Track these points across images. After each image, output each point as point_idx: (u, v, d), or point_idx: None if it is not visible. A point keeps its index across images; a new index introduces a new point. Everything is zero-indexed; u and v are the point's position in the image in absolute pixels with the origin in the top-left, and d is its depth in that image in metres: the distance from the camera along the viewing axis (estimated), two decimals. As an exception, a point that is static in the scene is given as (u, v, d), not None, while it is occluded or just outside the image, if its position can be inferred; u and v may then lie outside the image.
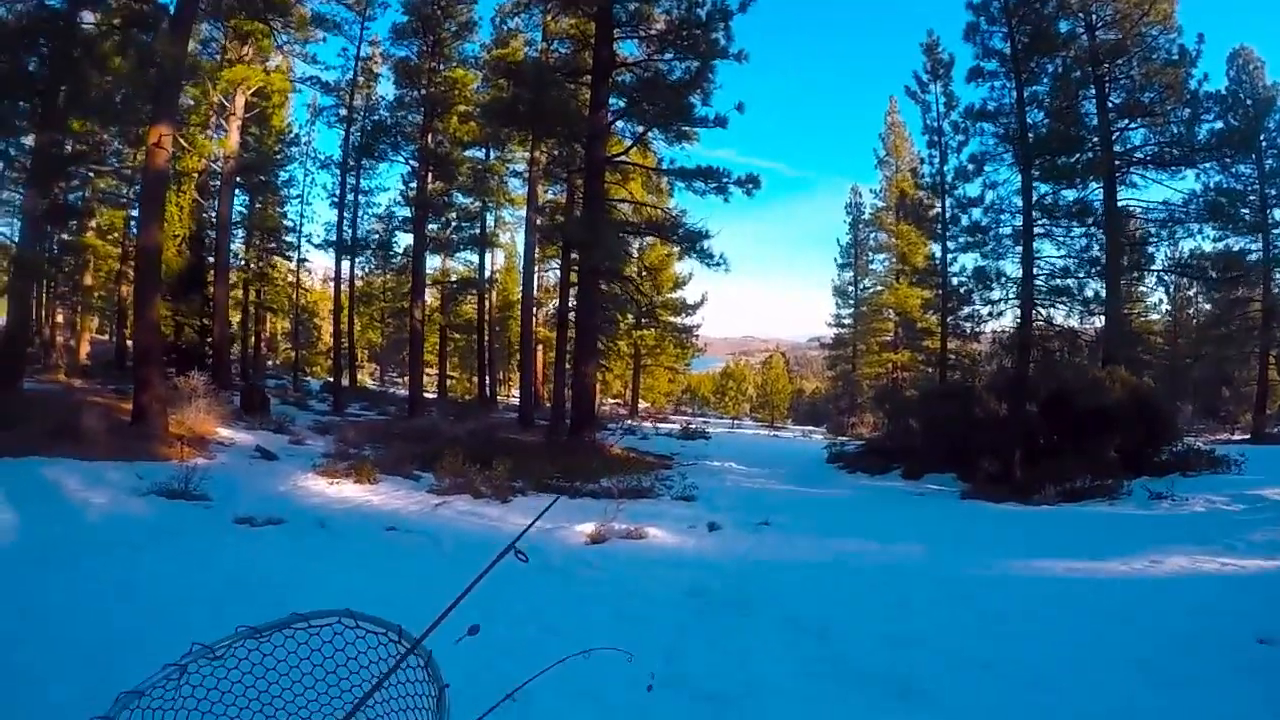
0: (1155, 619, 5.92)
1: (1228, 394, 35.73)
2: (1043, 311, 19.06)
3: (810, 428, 45.79)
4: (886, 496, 15.75)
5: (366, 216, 35.14)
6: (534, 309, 32.75)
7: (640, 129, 23.66)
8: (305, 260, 40.96)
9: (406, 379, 55.31)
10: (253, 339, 42.25)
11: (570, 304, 26.31)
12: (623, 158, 24.60)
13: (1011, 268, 19.46)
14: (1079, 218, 19.09)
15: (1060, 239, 19.73)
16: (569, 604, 6.27)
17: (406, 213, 34.80)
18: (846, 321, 45.95)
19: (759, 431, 39.66)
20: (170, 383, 16.65)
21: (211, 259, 26.38)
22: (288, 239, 39.57)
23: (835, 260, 46.20)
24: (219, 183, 26.83)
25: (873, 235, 43.81)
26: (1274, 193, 26.98)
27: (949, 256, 26.45)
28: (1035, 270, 18.59)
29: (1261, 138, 25.53)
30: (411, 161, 31.16)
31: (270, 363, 49.06)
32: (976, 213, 20.29)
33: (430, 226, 35.41)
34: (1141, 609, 6.26)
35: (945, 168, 26.43)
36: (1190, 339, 35.14)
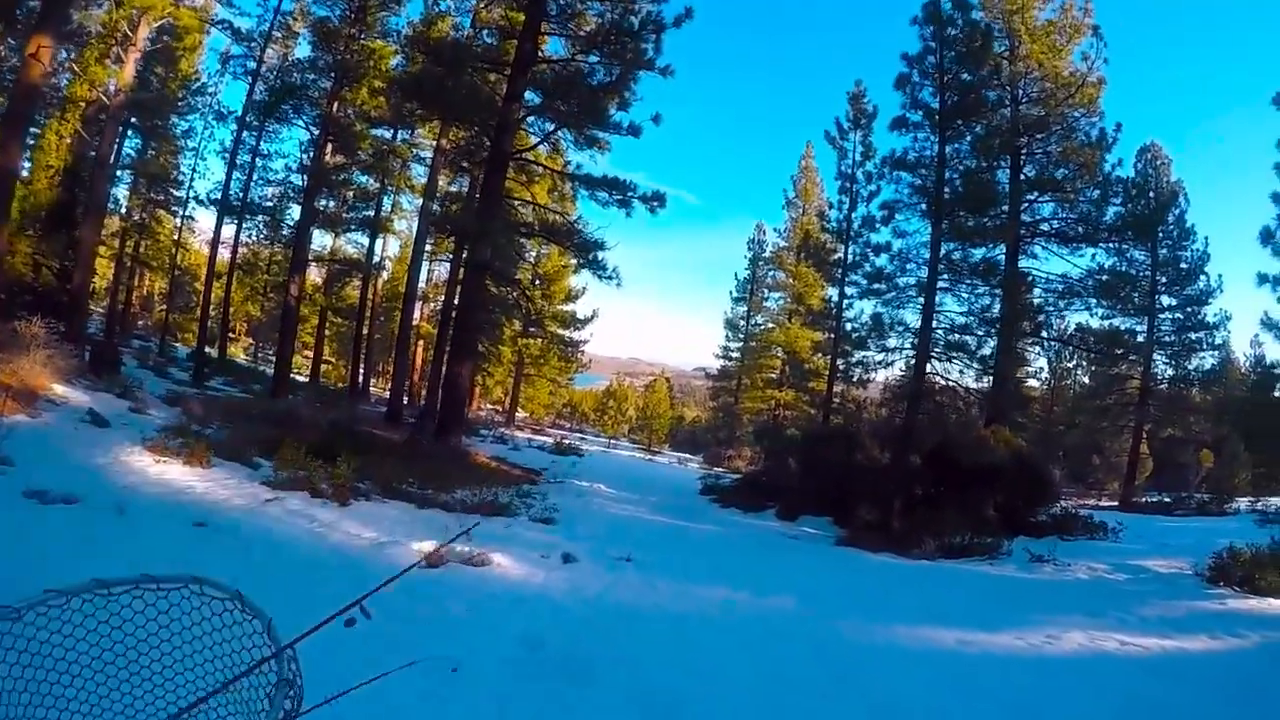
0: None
1: (1098, 462, 36.96)
2: (937, 364, 18.48)
3: (687, 455, 44.89)
4: (760, 538, 14.56)
5: (259, 182, 32.46)
6: (417, 301, 30.86)
7: (551, 127, 22.21)
8: (191, 218, 38.03)
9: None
10: (123, 294, 38.97)
11: (456, 302, 25.09)
12: (527, 156, 23.21)
13: (910, 317, 18.90)
14: (983, 276, 18.70)
15: (962, 295, 19.34)
16: (372, 649, 4.79)
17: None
18: (734, 354, 45.35)
19: (635, 454, 38.47)
20: (9, 326, 14.67)
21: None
22: (177, 193, 36.61)
23: (731, 293, 45.78)
24: (104, 117, 24.21)
25: (771, 273, 43.37)
26: (1163, 280, 27.64)
27: (845, 301, 26.19)
28: (934, 323, 18.02)
29: (1159, 229, 26.11)
30: (312, 128, 28.87)
31: (142, 323, 46.25)
32: (883, 259, 19.74)
33: (325, 203, 33.44)
34: (1059, 702, 5.39)
35: (854, 214, 26.39)
36: (1066, 408, 35.93)
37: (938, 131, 18.51)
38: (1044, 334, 22.06)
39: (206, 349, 31.90)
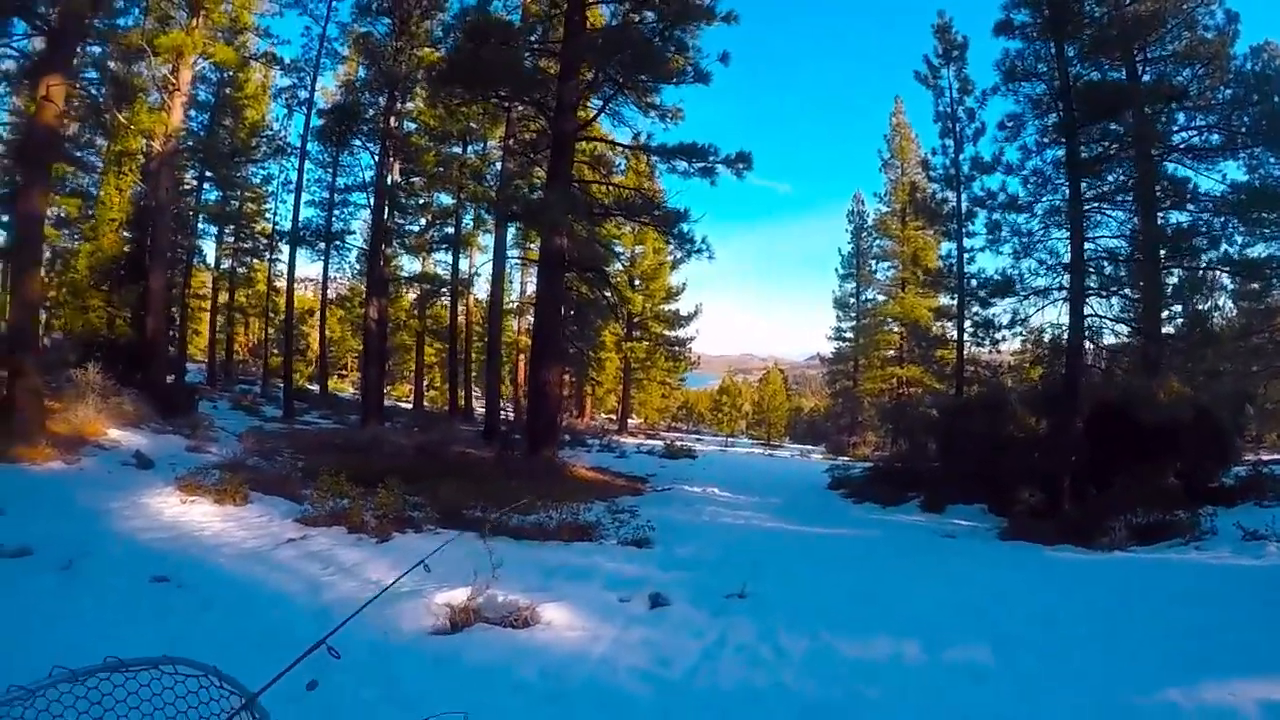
0: None
1: (1251, 412, 32.03)
2: (1096, 304, 15.17)
3: (809, 447, 41.81)
4: (908, 540, 11.58)
5: (342, 215, 31.31)
6: (504, 306, 28.70)
7: (610, 92, 19.65)
8: (279, 260, 37.27)
9: (390, 390, 52.28)
10: (225, 342, 39.27)
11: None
12: (593, 136, 20.82)
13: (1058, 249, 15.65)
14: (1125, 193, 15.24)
15: (1108, 220, 15.87)
16: None
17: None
18: (848, 335, 41.98)
19: (753, 450, 35.63)
20: (65, 374, 14.82)
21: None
22: (266, 239, 35.96)
23: (836, 270, 42.34)
24: (155, 165, 23.16)
25: (876, 243, 39.87)
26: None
27: (966, 255, 22.78)
28: (1086, 252, 14.76)
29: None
30: (371, 146, 27.34)
31: (253, 369, 45.45)
32: (1013, 183, 16.33)
33: (402, 223, 32.07)
34: None
35: (960, 156, 22.87)
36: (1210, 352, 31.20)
37: (1051, 27, 15.18)
38: (1197, 262, 18.23)
39: (310, 385, 30.88)
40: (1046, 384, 16.23)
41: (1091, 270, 15.05)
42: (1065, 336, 14.90)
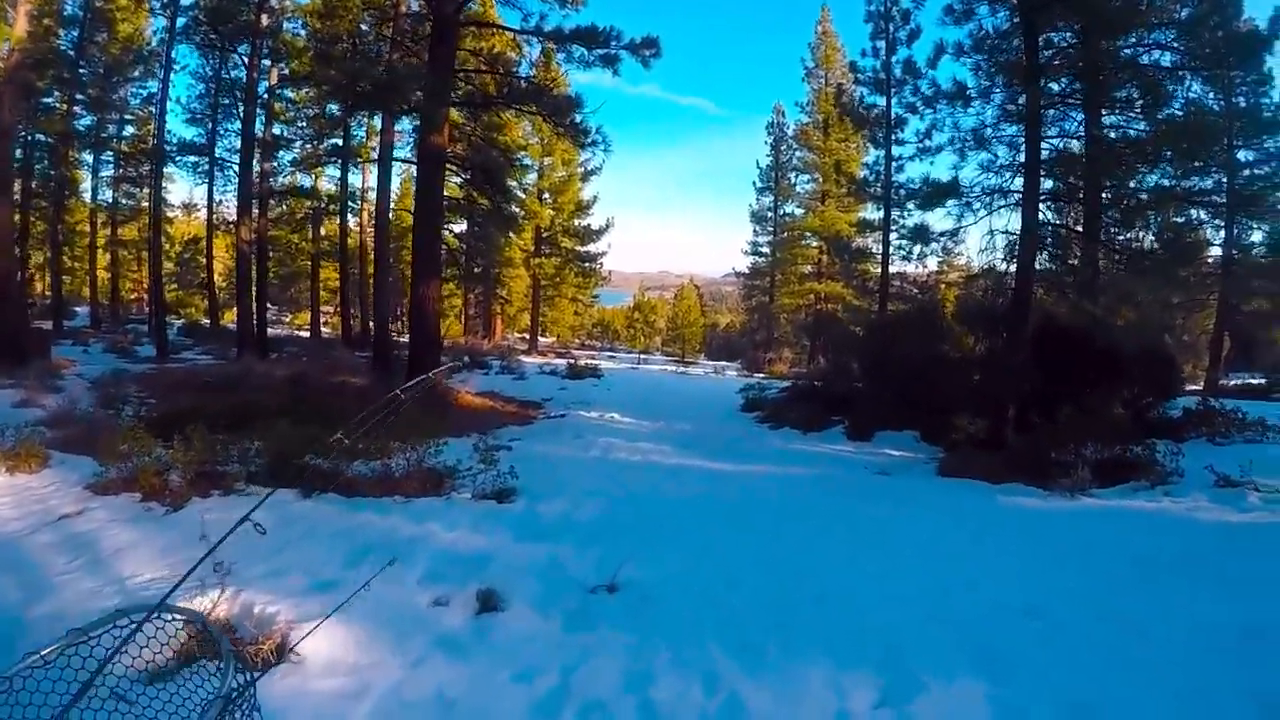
0: None
1: (1169, 343, 31.17)
2: (1048, 215, 13.10)
3: (724, 363, 39.85)
4: (839, 480, 9.47)
5: (226, 133, 27.36)
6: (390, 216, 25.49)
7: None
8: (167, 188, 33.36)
9: (291, 319, 48.50)
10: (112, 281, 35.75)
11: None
12: (473, 16, 17.71)
13: (1002, 153, 13.40)
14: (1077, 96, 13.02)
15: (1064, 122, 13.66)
16: None
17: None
18: (764, 250, 39.84)
19: (665, 368, 33.37)
20: None
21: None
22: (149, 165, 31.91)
23: (754, 184, 39.96)
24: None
25: (796, 155, 37.46)
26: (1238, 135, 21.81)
27: (895, 165, 20.70)
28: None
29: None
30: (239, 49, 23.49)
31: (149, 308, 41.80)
32: (962, 72, 14.03)
33: (294, 140, 28.55)
34: None
35: (893, 58, 20.82)
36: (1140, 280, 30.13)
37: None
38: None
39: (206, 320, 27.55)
40: (988, 299, 14.20)
41: (1045, 173, 12.91)
42: (1014, 246, 12.79)
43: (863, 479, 9.54)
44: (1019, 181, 12.65)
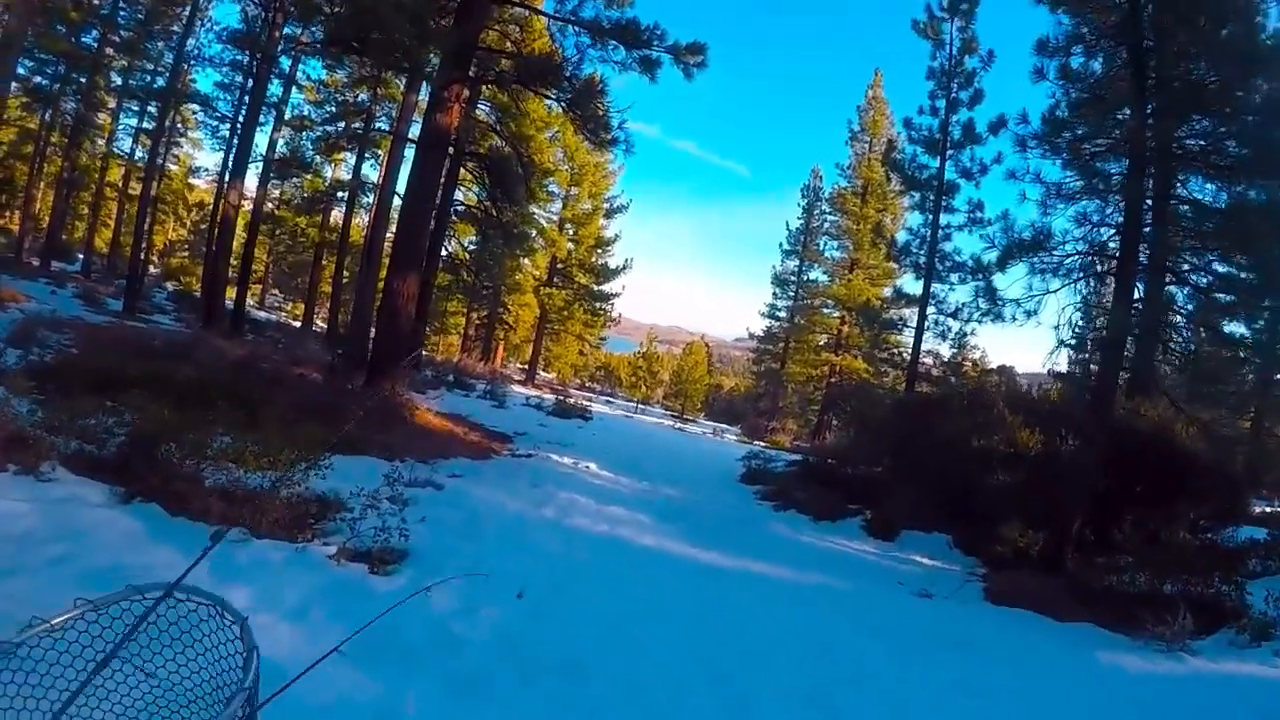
0: None
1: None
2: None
3: (723, 425, 37.19)
4: (863, 596, 6.77)
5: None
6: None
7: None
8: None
9: (291, 308, 46.21)
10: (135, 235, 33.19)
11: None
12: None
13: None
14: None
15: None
16: None
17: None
18: (782, 314, 37.35)
19: (661, 421, 30.76)
20: None
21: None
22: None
23: (780, 246, 37.57)
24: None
25: (829, 220, 35.14)
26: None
27: (941, 232, 18.36)
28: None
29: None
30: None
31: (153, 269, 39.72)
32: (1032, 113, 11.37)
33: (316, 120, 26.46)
34: None
35: (953, 118, 18.65)
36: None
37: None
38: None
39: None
40: (1065, 388, 11.57)
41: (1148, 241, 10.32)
42: (1099, 325, 10.23)
43: (901, 604, 6.82)
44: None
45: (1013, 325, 11.75)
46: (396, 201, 17.81)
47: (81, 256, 30.41)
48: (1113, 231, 10.33)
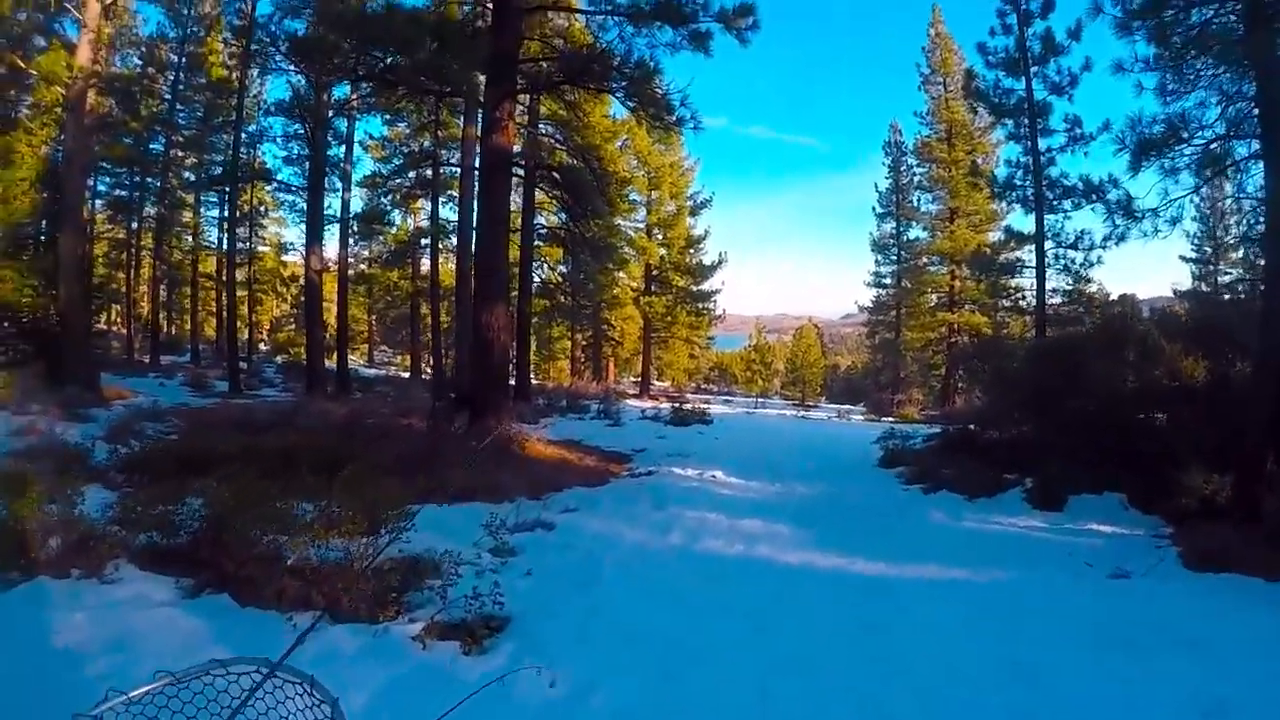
0: None
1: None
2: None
3: (846, 407, 35.80)
4: (1059, 590, 5.82)
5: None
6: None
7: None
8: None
9: (401, 358, 47.37)
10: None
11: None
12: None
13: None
14: None
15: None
16: None
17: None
18: (887, 281, 35.72)
19: (784, 412, 29.64)
20: None
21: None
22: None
23: (873, 209, 35.90)
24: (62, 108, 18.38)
25: (918, 173, 33.45)
26: None
27: (1043, 157, 16.90)
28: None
29: None
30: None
31: (263, 346, 41.75)
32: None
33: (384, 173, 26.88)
34: None
35: (1028, 29, 17.25)
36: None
37: None
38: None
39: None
40: (1210, 312, 10.19)
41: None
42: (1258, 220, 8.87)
43: (1099, 593, 5.81)
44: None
45: (1156, 239, 10.37)
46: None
47: (190, 347, 31.76)
48: (1250, 105, 8.89)
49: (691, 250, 35.52)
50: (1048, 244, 16.84)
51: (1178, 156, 9.32)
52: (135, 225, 29.57)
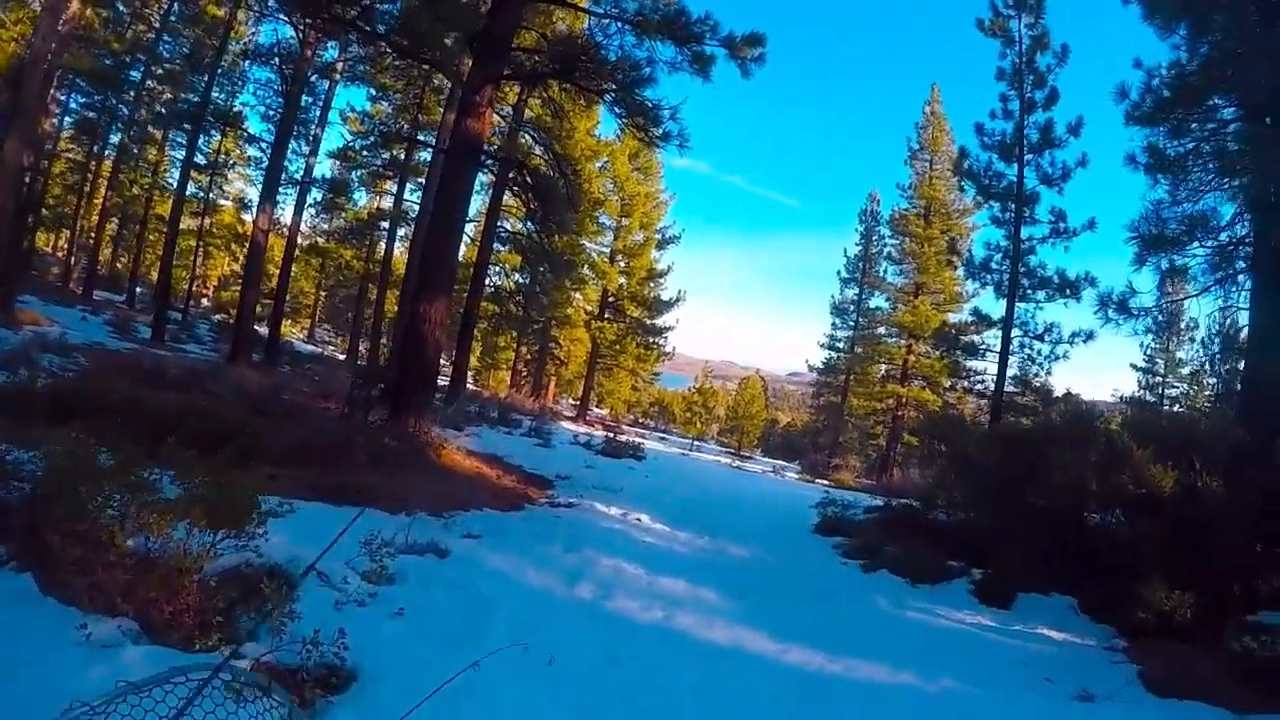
0: None
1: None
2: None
3: (782, 463, 35.21)
4: (1015, 716, 4.90)
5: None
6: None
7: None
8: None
9: (341, 340, 45.79)
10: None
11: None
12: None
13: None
14: None
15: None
16: None
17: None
18: (842, 344, 35.48)
19: (720, 459, 28.89)
20: None
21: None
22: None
23: (839, 274, 35.95)
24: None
25: (889, 244, 33.43)
26: None
27: (1023, 245, 16.55)
28: None
29: None
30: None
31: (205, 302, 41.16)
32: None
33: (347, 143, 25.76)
34: None
35: (1028, 118, 16.93)
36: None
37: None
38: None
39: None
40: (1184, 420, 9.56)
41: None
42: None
43: (1063, 715, 4.95)
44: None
45: (1143, 336, 9.83)
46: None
47: (127, 288, 30.18)
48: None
49: (651, 283, 35.13)
50: (1015, 331, 16.42)
51: (1190, 256, 8.71)
52: (97, 149, 28.48)
